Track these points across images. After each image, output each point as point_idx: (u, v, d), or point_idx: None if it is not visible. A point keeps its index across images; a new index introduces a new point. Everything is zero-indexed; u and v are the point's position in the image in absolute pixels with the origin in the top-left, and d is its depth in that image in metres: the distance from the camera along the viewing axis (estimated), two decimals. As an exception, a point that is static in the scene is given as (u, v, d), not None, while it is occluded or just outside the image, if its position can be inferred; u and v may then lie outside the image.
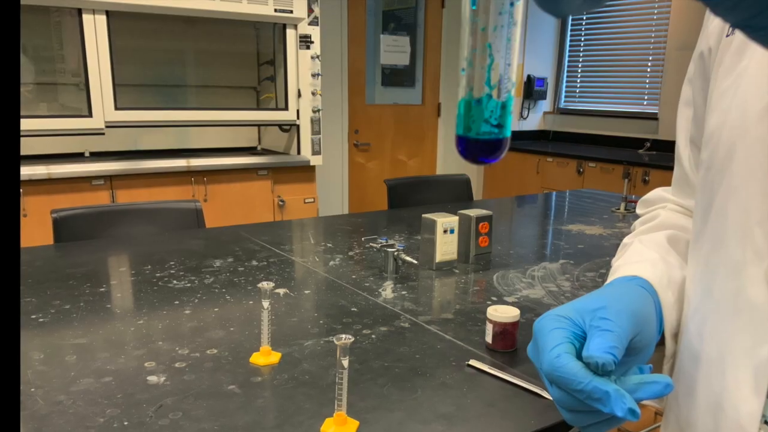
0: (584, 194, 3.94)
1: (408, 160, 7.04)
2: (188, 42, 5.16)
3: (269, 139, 5.56)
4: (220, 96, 5.34)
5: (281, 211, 4.97)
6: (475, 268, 2.22)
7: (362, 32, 6.44)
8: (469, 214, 2.24)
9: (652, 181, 5.34)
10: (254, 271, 2.13)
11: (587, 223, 3.00)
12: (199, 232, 2.74)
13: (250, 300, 1.85)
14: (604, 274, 2.16)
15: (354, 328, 1.64)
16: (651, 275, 0.92)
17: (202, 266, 2.18)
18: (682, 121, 1.06)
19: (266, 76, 5.40)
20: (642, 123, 6.47)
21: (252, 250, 2.40)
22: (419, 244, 2.29)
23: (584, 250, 2.52)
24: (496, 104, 0.57)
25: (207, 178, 4.63)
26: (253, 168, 4.84)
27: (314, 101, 5.05)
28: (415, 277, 2.11)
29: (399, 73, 6.91)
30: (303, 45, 4.93)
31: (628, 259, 0.99)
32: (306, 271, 2.18)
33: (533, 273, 2.18)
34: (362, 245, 2.51)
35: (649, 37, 6.42)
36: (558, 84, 7.39)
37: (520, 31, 0.56)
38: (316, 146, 5.10)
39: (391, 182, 3.57)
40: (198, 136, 5.33)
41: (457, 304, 1.87)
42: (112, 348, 1.50)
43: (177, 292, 1.91)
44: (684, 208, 1.10)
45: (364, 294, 1.92)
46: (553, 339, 0.77)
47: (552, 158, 6.33)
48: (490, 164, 0.62)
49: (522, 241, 2.73)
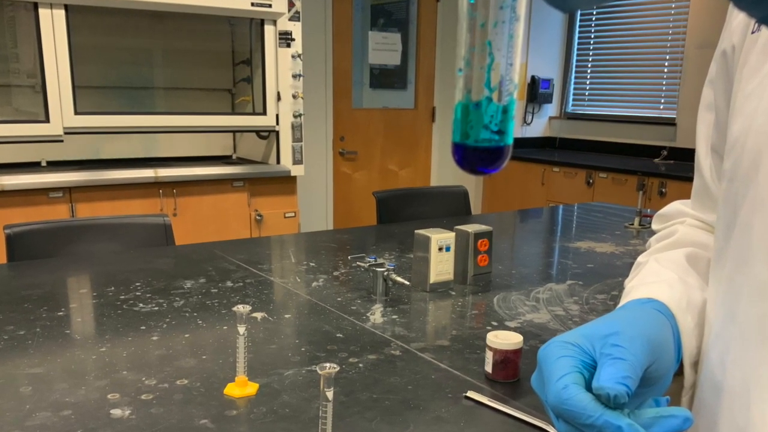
0: (594, 208, 3.95)
1: (399, 170, 7.05)
2: (156, 40, 5.16)
3: (245, 146, 5.56)
4: (191, 99, 5.35)
5: (259, 226, 4.96)
6: (474, 290, 2.22)
7: (348, 28, 6.46)
8: (467, 229, 2.24)
9: (669, 194, 5.36)
10: (229, 293, 2.12)
11: (597, 240, 3.00)
12: (168, 250, 2.73)
13: (224, 325, 1.84)
14: (616, 297, 2.16)
15: (339, 356, 1.64)
16: (668, 297, 0.92)
17: (171, 288, 2.17)
18: (703, 127, 1.06)
19: (242, 78, 5.41)
20: (658, 129, 6.50)
21: (226, 270, 2.39)
22: (411, 263, 2.29)
23: (594, 269, 2.52)
24: (496, 108, 0.57)
25: (177, 190, 4.62)
26: (228, 179, 4.83)
27: (295, 105, 5.06)
28: (407, 299, 2.11)
29: (389, 73, 6.93)
30: (283, 43, 4.94)
31: (642, 279, 0.99)
32: (286, 293, 2.17)
33: (538, 295, 2.18)
34: (348, 264, 2.50)
35: (666, 33, 6.45)
36: (565, 86, 7.43)
37: (524, 28, 0.56)
38: (298, 155, 5.11)
39: (381, 194, 3.57)
40: (167, 143, 5.33)
41: (454, 329, 1.86)
42: (72, 378, 1.49)
43: (143, 317, 1.90)
44: (704, 224, 1.10)
45: (350, 318, 1.91)
46: (560, 368, 0.77)
47: (558, 168, 6.35)
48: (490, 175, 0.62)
49: (525, 259, 2.73)
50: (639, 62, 6.71)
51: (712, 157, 1.04)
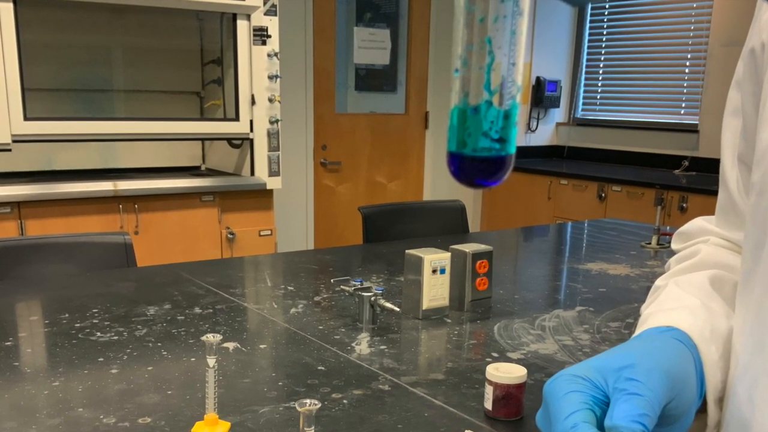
0: (607, 225, 3.95)
1: (388, 182, 7.06)
2: (116, 37, 5.16)
3: (216, 156, 5.55)
4: (155, 103, 5.34)
5: (231, 245, 4.95)
6: (472, 317, 2.22)
7: (331, 24, 6.47)
8: (464, 249, 2.24)
9: (691, 209, 5.38)
10: (197, 321, 2.12)
11: (611, 261, 3.01)
12: (129, 273, 2.72)
13: (192, 356, 1.83)
14: (631, 325, 2.17)
15: (321, 391, 1.63)
16: (690, 326, 0.92)
17: (132, 314, 2.16)
18: (729, 135, 1.06)
19: (212, 79, 5.41)
20: (679, 137, 6.53)
21: (194, 295, 2.38)
22: (402, 287, 2.29)
23: (607, 294, 2.52)
24: (497, 113, 0.57)
25: (138, 205, 4.61)
26: (196, 192, 4.82)
27: (272, 110, 5.06)
28: (397, 328, 2.10)
29: (377, 74, 6.95)
30: (257, 40, 4.94)
31: (661, 305, 0.99)
32: (261, 320, 2.17)
33: (544, 323, 2.18)
34: (331, 289, 2.50)
35: (688, 29, 6.48)
36: (574, 88, 7.46)
37: (527, 23, 0.56)
38: (274, 165, 5.10)
39: (368, 210, 3.57)
40: (127, 153, 5.32)
41: (450, 361, 1.86)
42: (21, 416, 1.48)
43: (101, 347, 1.89)
44: (730, 243, 1.10)
45: (333, 349, 1.91)
46: (569, 405, 0.77)
47: (567, 180, 6.37)
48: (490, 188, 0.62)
49: (530, 283, 2.73)
50: (657, 62, 6.75)
51: (738, 168, 1.04)
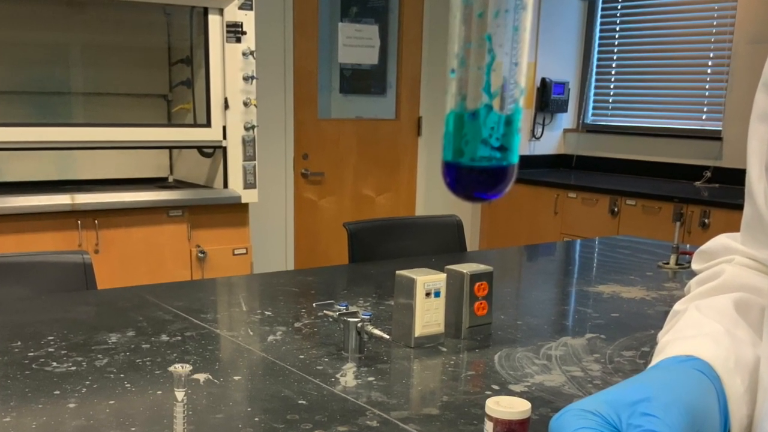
0: (620, 243, 3.96)
1: (377, 195, 7.06)
2: (74, 33, 5.15)
3: (185, 166, 5.55)
4: (117, 107, 5.33)
5: (201, 265, 4.94)
6: (470, 345, 2.22)
7: (314, 19, 6.48)
8: (462, 270, 2.24)
9: (713, 225, 5.39)
10: (164, 350, 2.11)
11: (624, 283, 3.01)
12: (89, 296, 2.71)
13: (158, 389, 1.83)
14: (647, 354, 2.17)
15: (302, 427, 1.63)
16: (712, 355, 0.92)
17: (92, 342, 2.16)
18: (756, 142, 1.06)
19: (180, 80, 5.40)
20: (700, 145, 6.53)
21: (161, 321, 2.38)
22: (392, 311, 2.29)
23: (620, 320, 2.53)
24: (498, 119, 0.57)
25: (99, 221, 4.59)
26: (163, 207, 4.81)
27: (247, 114, 5.06)
28: (387, 357, 2.10)
29: (364, 75, 6.96)
30: (231, 37, 4.94)
31: (680, 332, 0.99)
32: (236, 349, 2.16)
33: (550, 352, 2.18)
34: (313, 314, 2.50)
35: (710, 25, 6.50)
36: (583, 91, 7.47)
37: (532, 19, 0.56)
38: (250, 177, 5.10)
39: (354, 226, 3.57)
40: (86, 162, 5.30)
41: (445, 395, 1.86)
42: (-38, 458, 1.48)
43: (58, 378, 1.88)
44: (758, 262, 1.10)
45: (315, 381, 1.91)
46: (578, 442, 0.77)
47: (575, 193, 6.38)
48: (489, 202, 0.62)
49: (534, 307, 2.73)
50: (675, 61, 6.76)
51: (767, 179, 1.04)
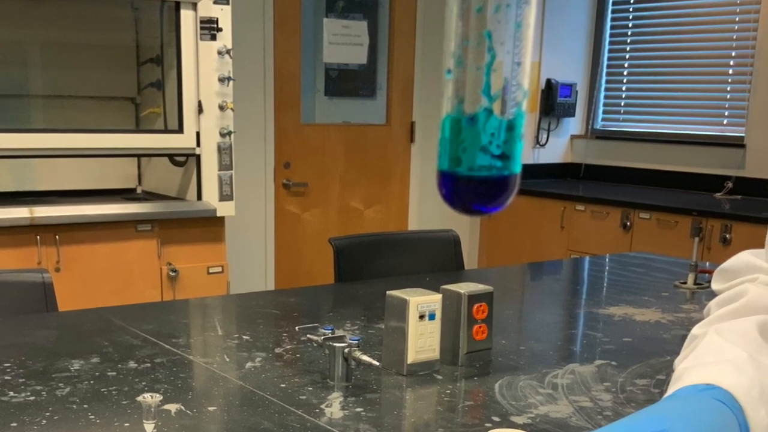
0: (633, 260, 3.97)
1: (365, 208, 7.06)
2: (32, 30, 5.15)
3: (155, 177, 5.54)
4: (80, 111, 5.32)
5: (173, 285, 4.94)
6: (468, 373, 2.22)
7: (296, 14, 6.48)
8: (459, 290, 2.25)
9: (735, 241, 5.39)
10: (132, 377, 2.11)
11: (638, 305, 3.01)
12: (49, 319, 2.71)
13: (125, 421, 1.82)
14: (662, 382, 2.17)
15: (284, 464, 1.63)
16: (734, 383, 0.92)
17: (52, 370, 2.15)
18: None
19: (150, 82, 5.40)
20: (720, 152, 6.54)
21: (128, 346, 2.38)
22: (382, 336, 2.29)
23: (633, 345, 2.53)
24: (498, 124, 0.57)
25: (60, 236, 4.58)
26: (131, 221, 4.81)
27: (223, 119, 5.05)
28: (377, 386, 2.10)
29: (352, 76, 6.97)
30: (206, 34, 4.93)
31: (699, 358, 0.99)
32: (210, 377, 2.16)
33: (555, 380, 2.18)
34: (296, 338, 2.50)
35: (732, 21, 6.50)
36: (592, 93, 7.48)
37: (536, 14, 0.57)
38: (226, 188, 5.09)
39: (341, 242, 3.58)
40: (46, 172, 5.29)
41: (441, 427, 1.86)
42: None
43: (15, 409, 1.88)
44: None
45: (298, 412, 1.91)
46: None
47: (584, 205, 6.39)
48: (490, 215, 0.62)
49: (538, 331, 2.74)
50: (694, 61, 6.78)
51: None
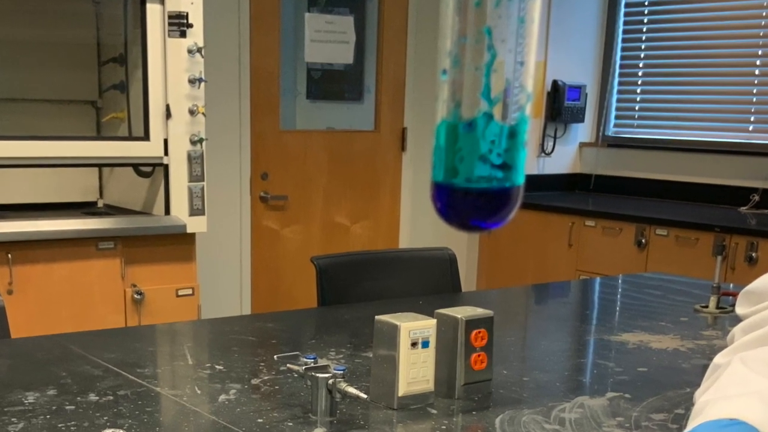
0: (648, 282, 3.97)
1: (352, 223, 7.07)
2: (-18, 26, 5.17)
3: (117, 189, 5.54)
4: (35, 116, 5.32)
5: (138, 309, 4.93)
6: (466, 407, 2.22)
7: (275, 9, 6.49)
8: (455, 315, 2.25)
9: (762, 260, 5.40)
10: (92, 412, 2.10)
11: (654, 331, 3.02)
12: (0, 346, 2.71)
13: (82, 462, 1.82)
14: (681, 417, 2.17)
15: None
16: (760, 418, 0.92)
17: (4, 403, 2.15)
18: None
19: (113, 83, 5.40)
20: (746, 162, 6.56)
21: (89, 376, 2.37)
22: (370, 365, 2.29)
23: (649, 375, 2.53)
24: (499, 130, 0.57)
25: (13, 255, 4.58)
26: (91, 238, 4.80)
27: (194, 125, 5.05)
28: (365, 421, 2.10)
29: (337, 77, 6.98)
30: (175, 30, 4.93)
31: (722, 390, 0.99)
32: (180, 411, 2.16)
33: (563, 414, 2.18)
34: (275, 368, 2.50)
35: (758, 17, 6.52)
36: (604, 97, 7.50)
37: (541, 8, 0.56)
38: (197, 201, 5.09)
39: (324, 261, 3.58)
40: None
41: (436, 467, 1.86)
42: None
43: (-44, 450, 1.88)
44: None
45: (277, 451, 1.91)
46: None
47: (594, 221, 6.40)
48: (489, 231, 0.62)
49: (544, 360, 2.74)
50: (715, 61, 6.80)
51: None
